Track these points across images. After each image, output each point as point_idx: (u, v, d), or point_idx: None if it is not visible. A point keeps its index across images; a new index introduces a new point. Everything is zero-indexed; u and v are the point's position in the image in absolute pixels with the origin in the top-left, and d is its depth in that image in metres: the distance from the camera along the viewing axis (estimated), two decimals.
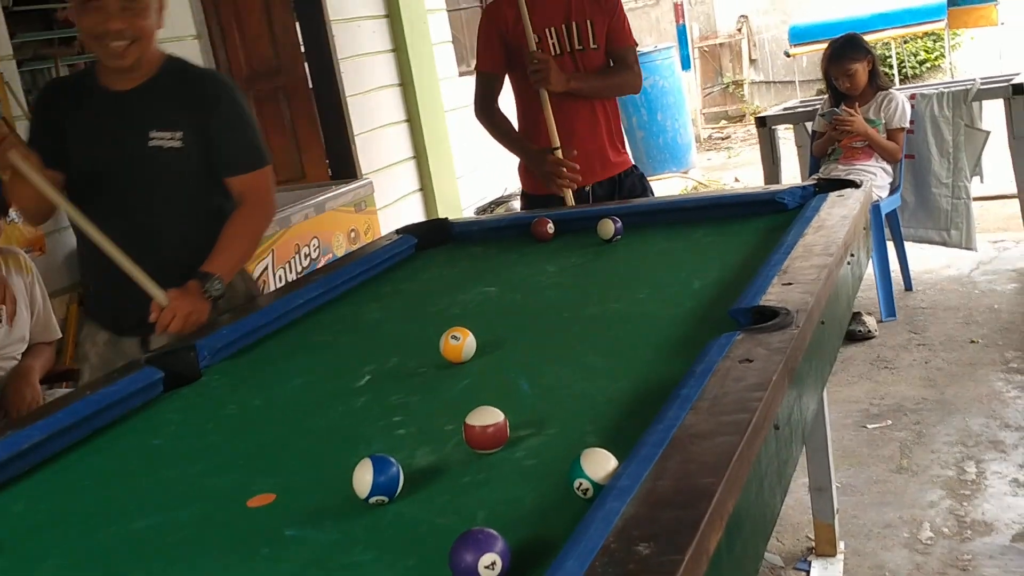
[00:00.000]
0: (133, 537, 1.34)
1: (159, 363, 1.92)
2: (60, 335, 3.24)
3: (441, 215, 3.36)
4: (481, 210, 6.76)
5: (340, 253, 4.12)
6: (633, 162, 3.47)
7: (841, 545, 2.73)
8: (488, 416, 1.39)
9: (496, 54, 3.34)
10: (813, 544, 2.76)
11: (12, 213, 3.40)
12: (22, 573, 1.29)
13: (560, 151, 3.16)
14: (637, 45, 3.44)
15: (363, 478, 1.28)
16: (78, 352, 2.63)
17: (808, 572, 2.67)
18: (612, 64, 3.33)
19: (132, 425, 1.77)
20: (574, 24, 3.25)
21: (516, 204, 6.99)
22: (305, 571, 1.17)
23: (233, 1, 4.85)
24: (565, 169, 3.14)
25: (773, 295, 1.70)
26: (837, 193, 2.44)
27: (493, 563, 1.03)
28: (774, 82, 13.21)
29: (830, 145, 4.67)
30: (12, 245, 3.13)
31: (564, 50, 3.26)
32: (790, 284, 1.75)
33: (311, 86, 5.56)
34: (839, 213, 2.23)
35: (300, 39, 5.51)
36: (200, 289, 2.29)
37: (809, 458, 2.69)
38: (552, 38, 3.25)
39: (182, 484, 1.49)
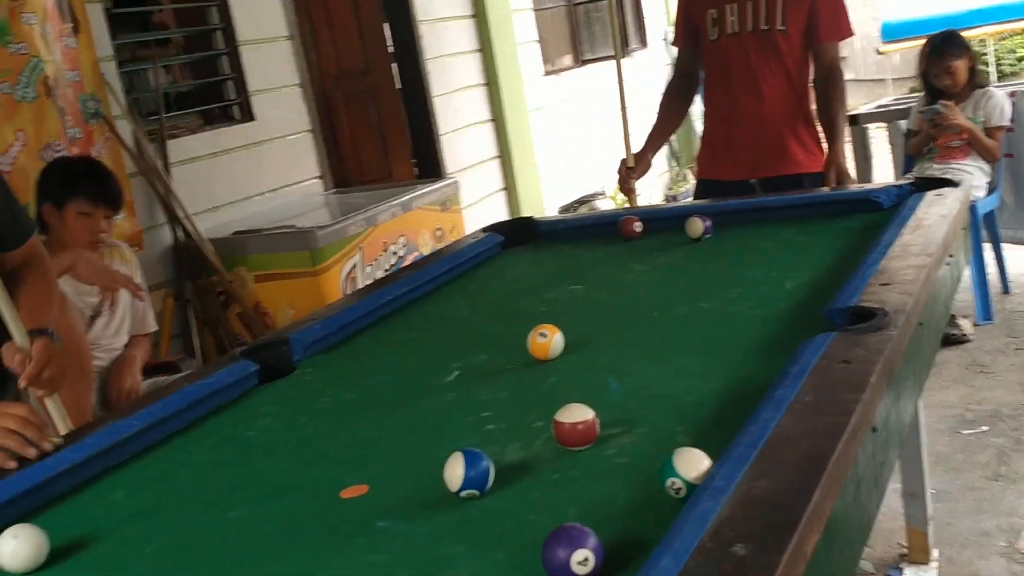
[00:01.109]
0: (229, 526, 1.37)
1: (254, 356, 1.96)
2: (156, 328, 3.34)
3: (524, 214, 3.37)
4: (564, 209, 6.75)
5: (426, 251, 4.15)
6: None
7: (935, 553, 2.66)
8: (578, 413, 1.39)
9: (682, 26, 3.30)
10: (905, 551, 2.69)
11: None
12: (123, 559, 1.33)
13: (632, 167, 3.19)
14: (842, 39, 3.17)
15: (454, 472, 1.29)
16: None
17: None
18: (814, 59, 3.11)
19: (228, 416, 1.81)
20: (762, 2, 3.04)
21: (600, 203, 6.98)
22: (397, 562, 1.18)
23: (324, 3, 4.93)
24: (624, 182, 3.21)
25: (870, 295, 1.66)
26: (935, 192, 2.38)
27: (586, 559, 1.03)
28: (865, 80, 12.93)
29: (926, 144, 4.54)
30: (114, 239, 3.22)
31: (744, 29, 3.08)
32: (887, 284, 1.71)
33: (399, 86, 5.61)
34: (938, 212, 2.18)
35: (389, 40, 5.57)
36: (52, 344, 1.94)
37: (903, 464, 2.63)
38: (732, 15, 3.08)
39: (276, 475, 1.52)
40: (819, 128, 3.17)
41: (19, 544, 1.30)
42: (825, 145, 3.13)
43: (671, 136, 3.48)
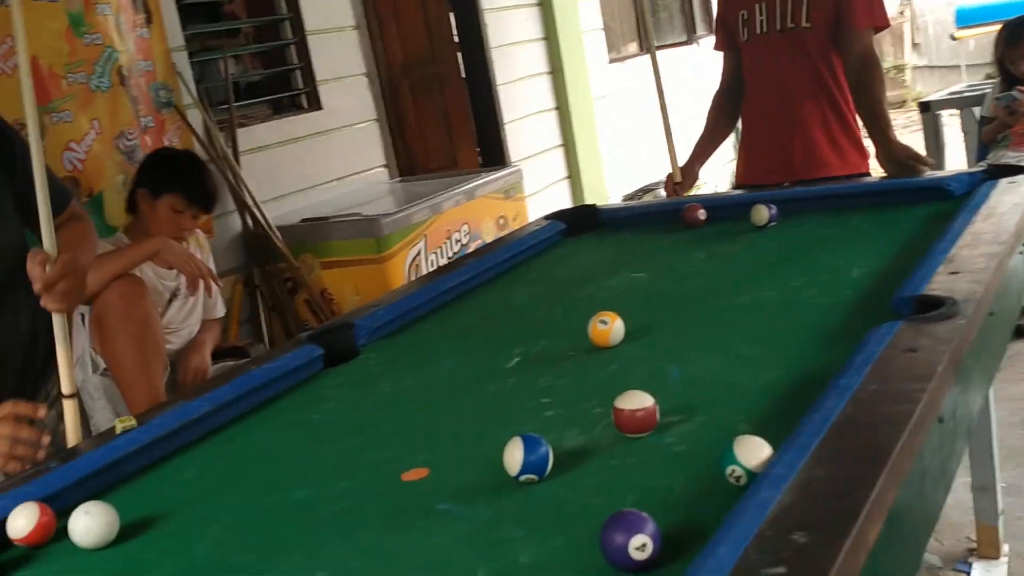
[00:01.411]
0: (294, 506, 1.40)
1: (319, 341, 1.99)
2: (224, 312, 3.40)
3: (587, 202, 3.36)
4: (628, 197, 6.72)
5: (489, 239, 4.16)
6: (870, 171, 3.06)
7: (1005, 548, 2.60)
8: (638, 400, 1.39)
9: (721, 30, 3.23)
10: (974, 546, 2.64)
11: None
12: (191, 536, 1.36)
13: (679, 182, 3.13)
14: (882, 27, 3.03)
15: (514, 456, 1.30)
16: None
17: (968, 574, 2.55)
18: (843, 50, 2.95)
19: (293, 400, 1.84)
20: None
21: (663, 192, 6.92)
22: (457, 545, 1.20)
23: None
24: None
25: (938, 284, 1.63)
26: (1008, 180, 2.32)
27: (644, 545, 1.03)
28: (938, 67, 12.65)
29: (1001, 131, 4.43)
30: None
31: (772, 29, 3.00)
32: (957, 273, 1.68)
33: (463, 75, 5.63)
34: (1011, 200, 2.12)
35: (454, 29, 5.59)
36: (77, 261, 1.88)
37: (972, 457, 2.57)
38: (761, 14, 3.01)
39: (340, 457, 1.55)
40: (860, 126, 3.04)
41: (91, 521, 1.34)
42: (869, 143, 2.99)
43: (720, 145, 3.33)
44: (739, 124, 3.32)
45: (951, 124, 5.54)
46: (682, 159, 3.21)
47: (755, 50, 3.07)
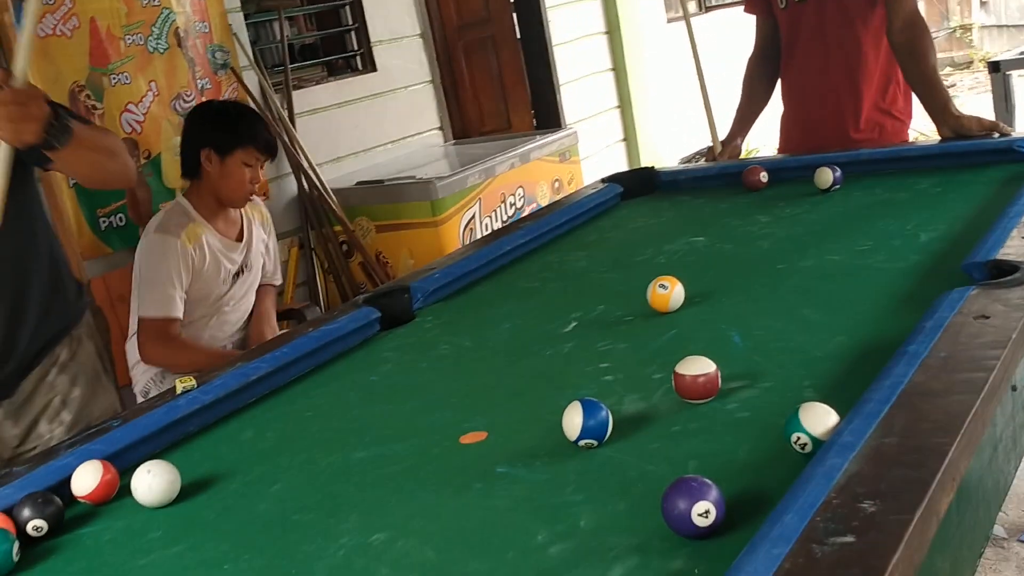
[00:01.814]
0: (353, 467, 1.40)
1: (376, 303, 1.99)
2: (282, 281, 3.41)
3: (645, 165, 3.30)
4: (686, 160, 6.63)
5: (544, 203, 4.13)
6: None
7: None
8: (699, 365, 1.37)
9: None
10: None
11: None
12: (253, 494, 1.38)
13: (717, 154, 3.00)
14: None
15: (573, 421, 1.29)
16: None
17: None
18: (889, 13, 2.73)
19: (351, 362, 1.85)
20: None
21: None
22: (516, 507, 1.19)
23: None
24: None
25: (1012, 249, 1.58)
26: None
27: (707, 511, 1.01)
28: (1007, 26, 12.27)
29: None
30: None
31: None
32: None
33: (519, 36, 5.57)
34: None
35: None
36: (46, 103, 1.74)
37: None
38: None
39: (398, 419, 1.55)
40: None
41: (153, 479, 1.36)
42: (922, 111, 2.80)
43: (760, 113, 3.11)
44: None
45: (1022, 85, 5.37)
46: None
47: (794, 17, 2.90)
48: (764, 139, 4.45)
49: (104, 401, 2.16)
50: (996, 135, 2.49)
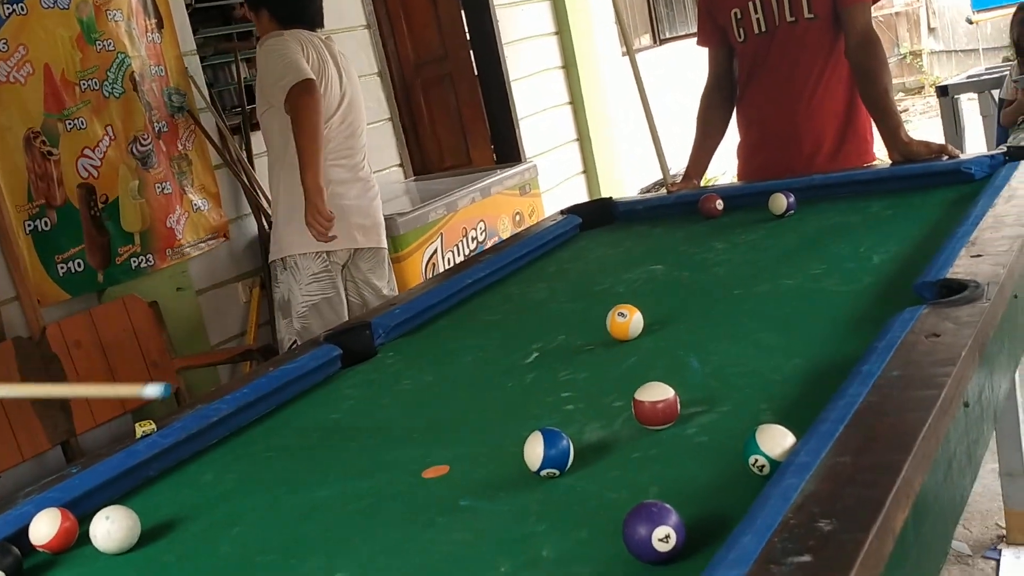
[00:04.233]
0: (315, 506, 1.39)
1: (337, 341, 1.98)
2: None
3: (604, 196, 3.32)
4: (646, 190, 6.69)
5: (505, 235, 4.15)
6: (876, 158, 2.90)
7: None
8: (658, 392, 1.38)
9: (707, 26, 3.04)
10: (1004, 532, 2.61)
11: (199, 201, 3.59)
12: (213, 538, 1.36)
13: (676, 183, 3.00)
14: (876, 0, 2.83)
15: (534, 451, 1.29)
16: None
17: (998, 561, 2.52)
18: (846, 33, 2.76)
19: (312, 400, 1.84)
20: None
21: None
22: (480, 540, 1.19)
23: None
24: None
25: (961, 268, 1.61)
26: None
27: (667, 536, 1.02)
28: (955, 51, 12.55)
29: (1020, 113, 4.39)
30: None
31: (772, 26, 2.82)
32: (979, 256, 1.65)
33: (476, 72, 5.62)
34: None
35: (465, 26, 5.58)
36: None
37: (999, 442, 2.54)
38: (756, 12, 2.84)
39: (360, 456, 1.54)
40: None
41: (112, 525, 1.34)
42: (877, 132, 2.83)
43: (717, 148, 3.09)
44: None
45: (970, 108, 5.48)
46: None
47: (753, 49, 2.91)
48: (723, 166, 4.50)
49: None
50: (945, 157, 2.54)
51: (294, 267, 3.14)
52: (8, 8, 3.06)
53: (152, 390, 1.53)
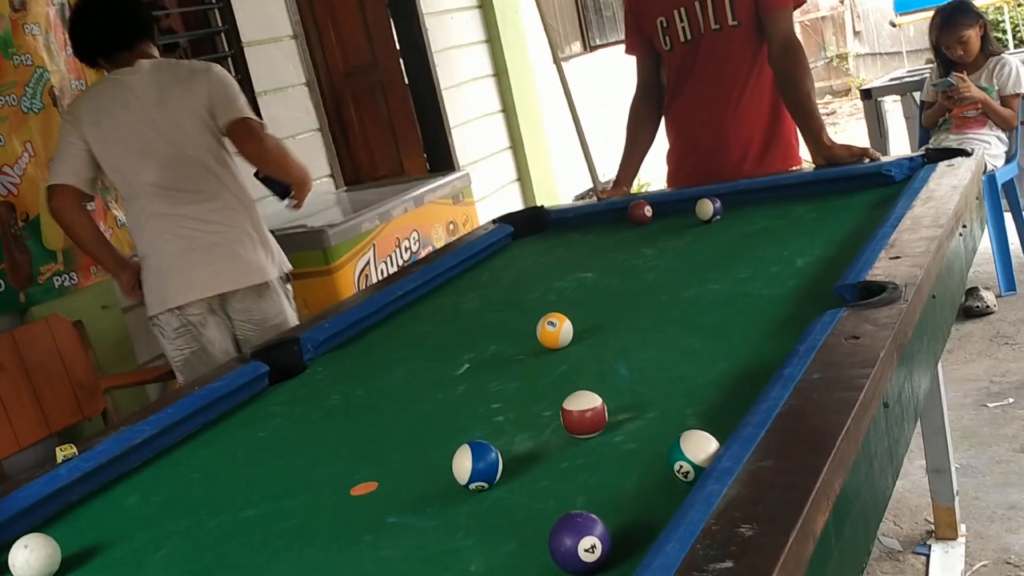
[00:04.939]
0: (241, 527, 1.37)
1: (264, 357, 1.96)
2: None
3: (539, 204, 3.33)
4: (580, 197, 6.73)
5: (439, 245, 4.14)
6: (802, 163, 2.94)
7: (962, 528, 2.63)
8: (585, 401, 1.38)
9: (634, 35, 3.05)
10: (933, 527, 2.66)
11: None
12: (137, 563, 1.33)
13: (607, 190, 3.00)
14: (797, 5, 2.86)
15: (462, 464, 1.28)
16: None
17: (928, 556, 2.58)
18: (768, 40, 2.81)
19: (239, 418, 1.81)
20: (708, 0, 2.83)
21: None
22: (407, 557, 1.18)
23: (328, 1, 4.92)
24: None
25: (880, 270, 1.64)
26: (946, 163, 2.35)
27: (593, 546, 1.02)
28: (880, 54, 12.83)
29: (941, 115, 4.49)
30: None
31: (697, 34, 2.85)
32: (898, 258, 1.68)
33: (407, 81, 5.61)
34: (949, 183, 2.14)
35: (395, 34, 5.57)
36: None
37: (926, 439, 2.60)
38: (682, 21, 2.86)
39: (288, 474, 1.52)
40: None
41: (30, 554, 1.30)
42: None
43: (645, 155, 3.12)
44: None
45: (894, 110, 5.61)
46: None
47: (680, 57, 2.94)
48: (654, 173, 4.53)
49: None
50: (866, 160, 2.59)
51: (160, 325, 2.91)
52: None
53: None
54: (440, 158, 5.66)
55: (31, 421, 3.13)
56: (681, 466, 1.16)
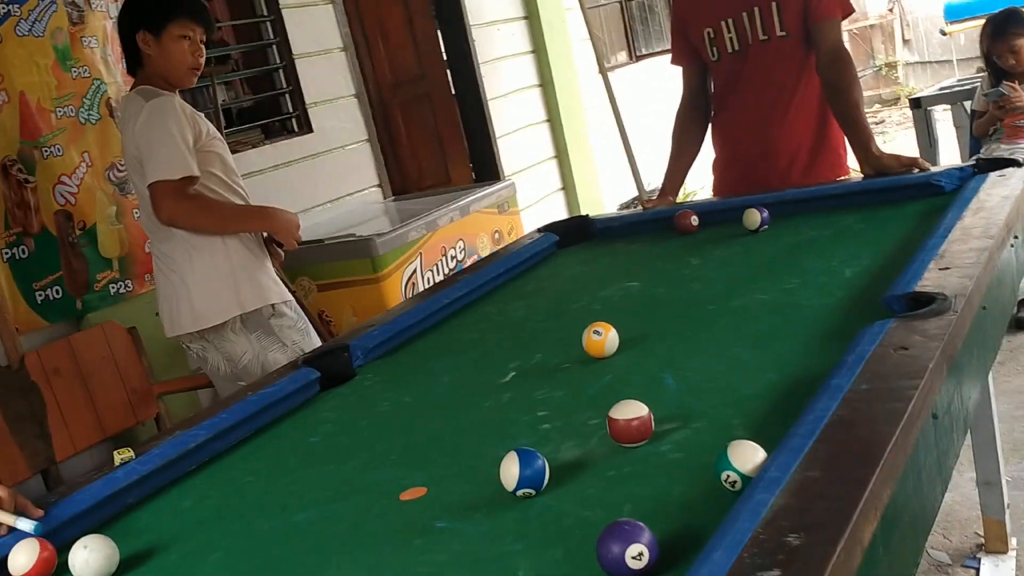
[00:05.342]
0: (293, 530, 1.40)
1: (315, 364, 1.99)
2: None
3: (583, 213, 3.34)
4: (624, 206, 6.73)
5: (484, 254, 4.17)
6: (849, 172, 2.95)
7: (1013, 542, 2.59)
8: (632, 410, 1.39)
9: (680, 45, 3.07)
10: (983, 541, 2.63)
11: None
12: (191, 566, 1.36)
13: (652, 199, 3.02)
14: (849, 12, 2.85)
15: (510, 471, 1.30)
16: None
17: (978, 570, 2.55)
18: (816, 50, 2.81)
19: (291, 424, 1.84)
20: (756, 10, 2.82)
21: None
22: (456, 561, 1.19)
23: (377, 13, 4.99)
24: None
25: (929, 281, 1.63)
26: (998, 173, 2.33)
27: (640, 554, 1.03)
28: (930, 62, 12.68)
29: (992, 125, 4.43)
30: None
31: (745, 45, 2.86)
32: (947, 269, 1.68)
33: (453, 91, 5.65)
34: (1000, 193, 2.13)
35: (442, 46, 5.61)
36: None
37: (976, 451, 2.57)
38: (729, 31, 2.87)
39: (338, 479, 1.55)
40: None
41: (90, 555, 1.34)
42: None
43: (691, 165, 3.13)
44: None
45: (944, 120, 5.55)
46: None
47: (727, 67, 2.94)
48: (701, 182, 4.53)
49: None
50: (915, 171, 2.57)
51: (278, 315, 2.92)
52: None
53: (23, 524, 1.46)
54: (486, 168, 5.70)
55: (87, 425, 3.20)
56: (728, 475, 1.17)
